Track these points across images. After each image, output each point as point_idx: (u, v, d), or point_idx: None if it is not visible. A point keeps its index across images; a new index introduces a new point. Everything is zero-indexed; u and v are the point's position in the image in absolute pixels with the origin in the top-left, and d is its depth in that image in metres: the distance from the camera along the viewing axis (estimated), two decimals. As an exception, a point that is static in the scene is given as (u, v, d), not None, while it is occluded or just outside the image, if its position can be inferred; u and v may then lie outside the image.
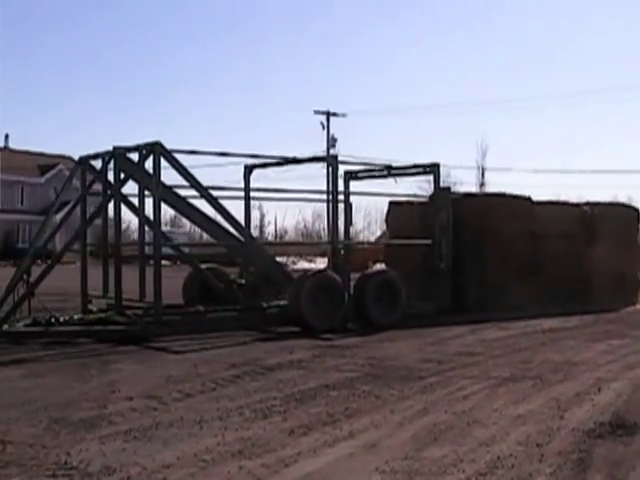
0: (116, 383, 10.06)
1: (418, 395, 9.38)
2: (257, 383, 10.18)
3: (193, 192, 16.16)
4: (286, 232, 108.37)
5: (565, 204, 24.75)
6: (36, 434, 7.42)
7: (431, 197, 21.35)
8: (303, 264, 61.29)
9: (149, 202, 15.28)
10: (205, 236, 26.47)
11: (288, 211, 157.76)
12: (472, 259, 20.21)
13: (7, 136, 60.69)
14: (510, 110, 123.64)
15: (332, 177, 17.07)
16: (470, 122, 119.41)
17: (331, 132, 63.83)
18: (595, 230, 22.89)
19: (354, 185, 19.87)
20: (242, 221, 17.78)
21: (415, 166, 19.95)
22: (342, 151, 61.93)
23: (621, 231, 23.42)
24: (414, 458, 6.64)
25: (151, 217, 15.37)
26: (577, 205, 24.01)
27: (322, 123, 63.71)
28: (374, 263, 42.95)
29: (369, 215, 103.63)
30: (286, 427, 7.75)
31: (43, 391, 9.57)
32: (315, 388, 9.76)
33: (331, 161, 17.14)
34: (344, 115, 64.56)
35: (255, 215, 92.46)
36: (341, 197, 18.55)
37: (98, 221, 16.98)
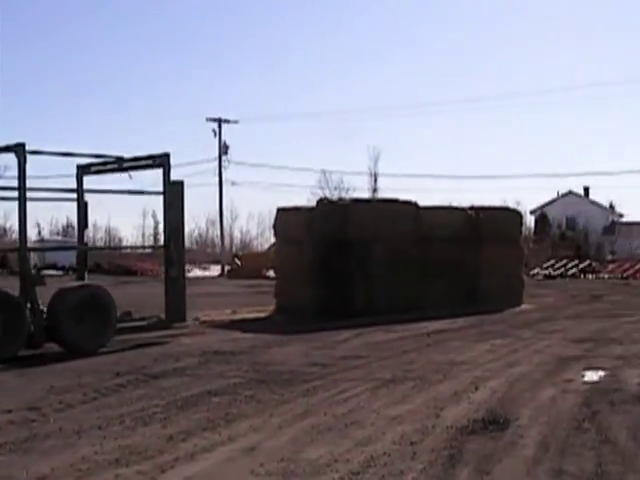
0: (-5, 396, 9.88)
1: (299, 398, 9.49)
2: (140, 391, 10.14)
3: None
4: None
5: (451, 208, 25.21)
6: None
7: (317, 202, 21.53)
8: (196, 272, 60.79)
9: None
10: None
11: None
12: (360, 263, 20.43)
13: None
14: (402, 117, 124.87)
15: (20, 170, 14.15)
16: (364, 129, 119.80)
17: (223, 139, 63.64)
18: (481, 233, 23.31)
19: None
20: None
21: (146, 157, 17.79)
22: (235, 158, 61.92)
23: (505, 234, 23.94)
24: (290, 460, 6.73)
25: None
26: (463, 209, 24.40)
27: (214, 130, 63.56)
28: (268, 269, 42.92)
29: (263, 222, 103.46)
30: (165, 434, 7.77)
31: None
32: (197, 395, 9.78)
33: (17, 150, 13.99)
34: (236, 122, 64.44)
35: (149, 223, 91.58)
36: (74, 195, 17.08)
37: None
